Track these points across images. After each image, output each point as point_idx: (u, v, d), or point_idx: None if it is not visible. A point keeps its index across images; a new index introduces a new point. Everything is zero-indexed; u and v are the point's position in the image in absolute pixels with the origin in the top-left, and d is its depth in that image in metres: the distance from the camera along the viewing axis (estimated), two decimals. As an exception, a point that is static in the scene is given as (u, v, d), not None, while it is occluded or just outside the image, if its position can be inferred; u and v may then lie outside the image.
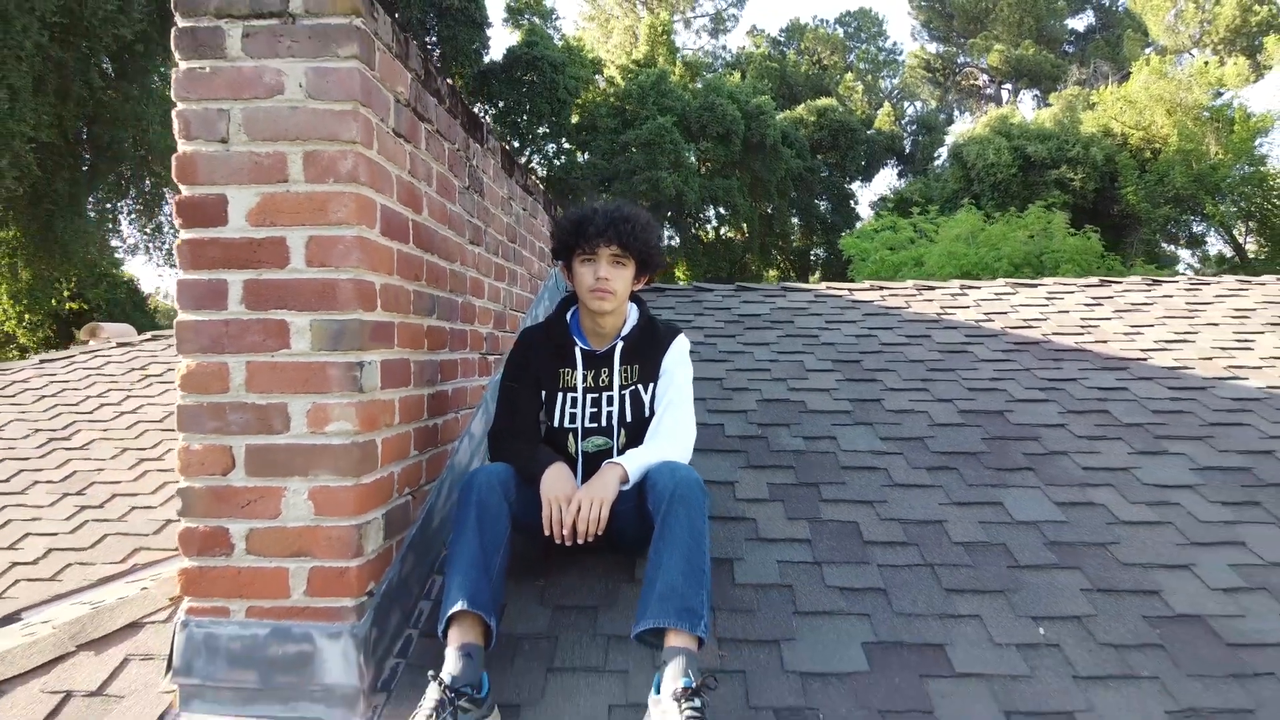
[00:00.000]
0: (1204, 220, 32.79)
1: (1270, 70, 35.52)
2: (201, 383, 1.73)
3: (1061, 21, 51.79)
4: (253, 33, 1.70)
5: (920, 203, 38.03)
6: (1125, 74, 46.09)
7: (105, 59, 17.50)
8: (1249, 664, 1.84)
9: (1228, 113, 33.24)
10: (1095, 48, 49.14)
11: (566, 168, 37.87)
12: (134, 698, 1.81)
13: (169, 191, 20.71)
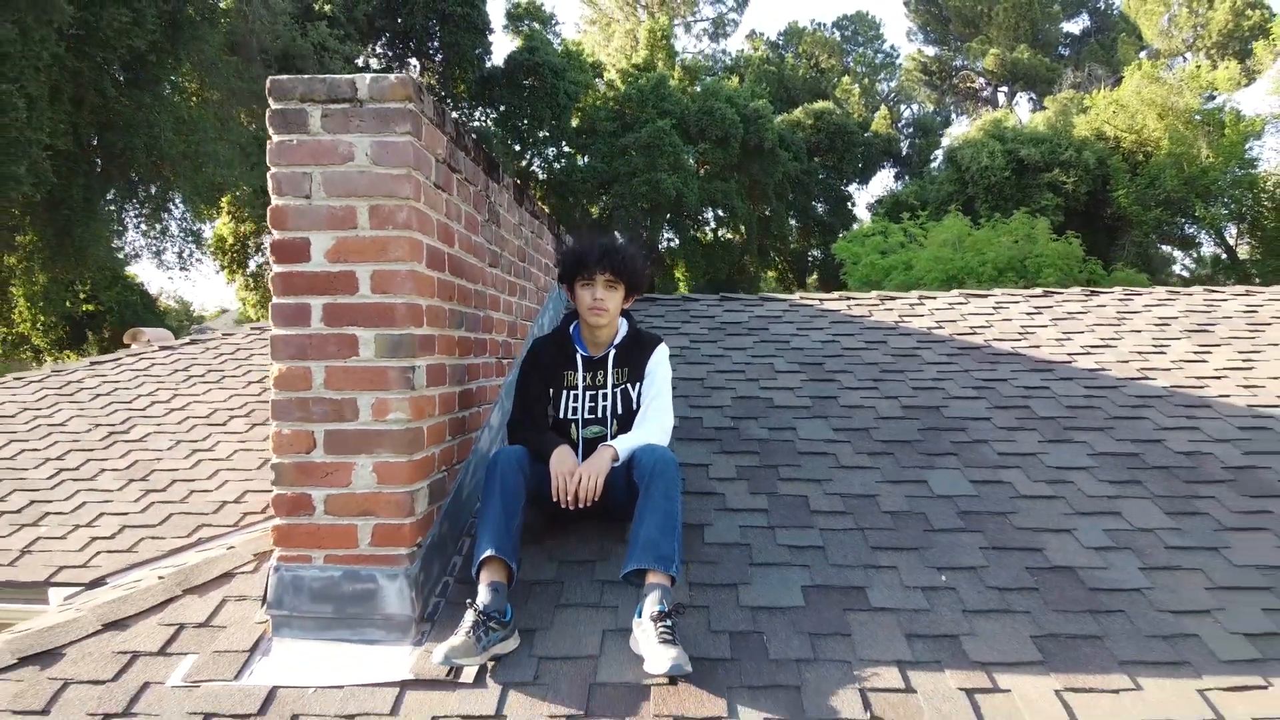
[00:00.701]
0: (1195, 223, 33.27)
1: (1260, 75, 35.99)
2: (290, 382, 2.26)
3: (1057, 25, 52.28)
4: (330, 114, 2.23)
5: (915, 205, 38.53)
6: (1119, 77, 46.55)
7: (118, 68, 17.97)
8: (1104, 603, 2.37)
9: (1219, 116, 33.71)
10: (1090, 51, 49.64)
11: (567, 171, 38.36)
12: (234, 627, 2.34)
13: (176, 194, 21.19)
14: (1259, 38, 38.88)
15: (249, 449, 4.37)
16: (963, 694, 2.03)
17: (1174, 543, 2.60)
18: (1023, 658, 2.14)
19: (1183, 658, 2.15)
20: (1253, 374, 3.79)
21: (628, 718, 1.97)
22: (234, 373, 5.30)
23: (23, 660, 2.24)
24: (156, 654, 2.24)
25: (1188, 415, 3.40)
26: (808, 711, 1.98)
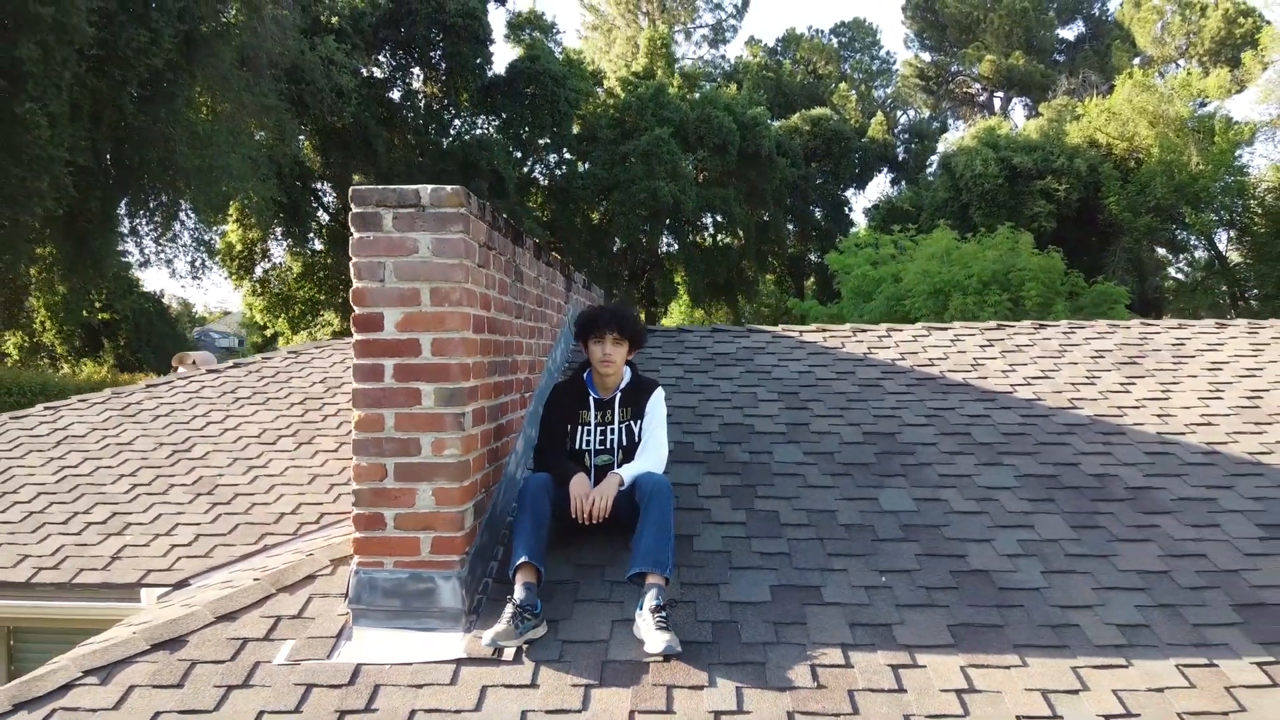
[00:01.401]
0: (1185, 229, 33.87)
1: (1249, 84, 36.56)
2: (368, 425, 2.88)
3: (1051, 31, 52.90)
4: (399, 216, 2.85)
5: (911, 212, 39.13)
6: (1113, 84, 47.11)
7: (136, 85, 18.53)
8: (1008, 600, 2.99)
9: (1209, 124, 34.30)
10: (1084, 58, 50.28)
11: (567, 177, 38.97)
12: (321, 618, 2.95)
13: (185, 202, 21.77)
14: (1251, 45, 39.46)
15: (298, 465, 4.99)
16: (889, 668, 2.65)
17: (1072, 551, 3.22)
18: (939, 641, 2.76)
19: (1064, 643, 2.77)
20: (1168, 404, 4.41)
21: (632, 686, 2.59)
22: (277, 395, 5.92)
23: (155, 646, 2.86)
24: (262, 639, 2.86)
25: (1104, 442, 4.02)
26: (769, 682, 2.60)
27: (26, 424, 5.61)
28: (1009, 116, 56.09)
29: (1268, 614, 2.89)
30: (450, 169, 32.37)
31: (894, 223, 40.37)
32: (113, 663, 2.78)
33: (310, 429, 5.42)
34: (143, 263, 21.54)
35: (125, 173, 19.54)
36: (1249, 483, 3.66)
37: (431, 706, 2.55)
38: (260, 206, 22.72)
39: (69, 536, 4.38)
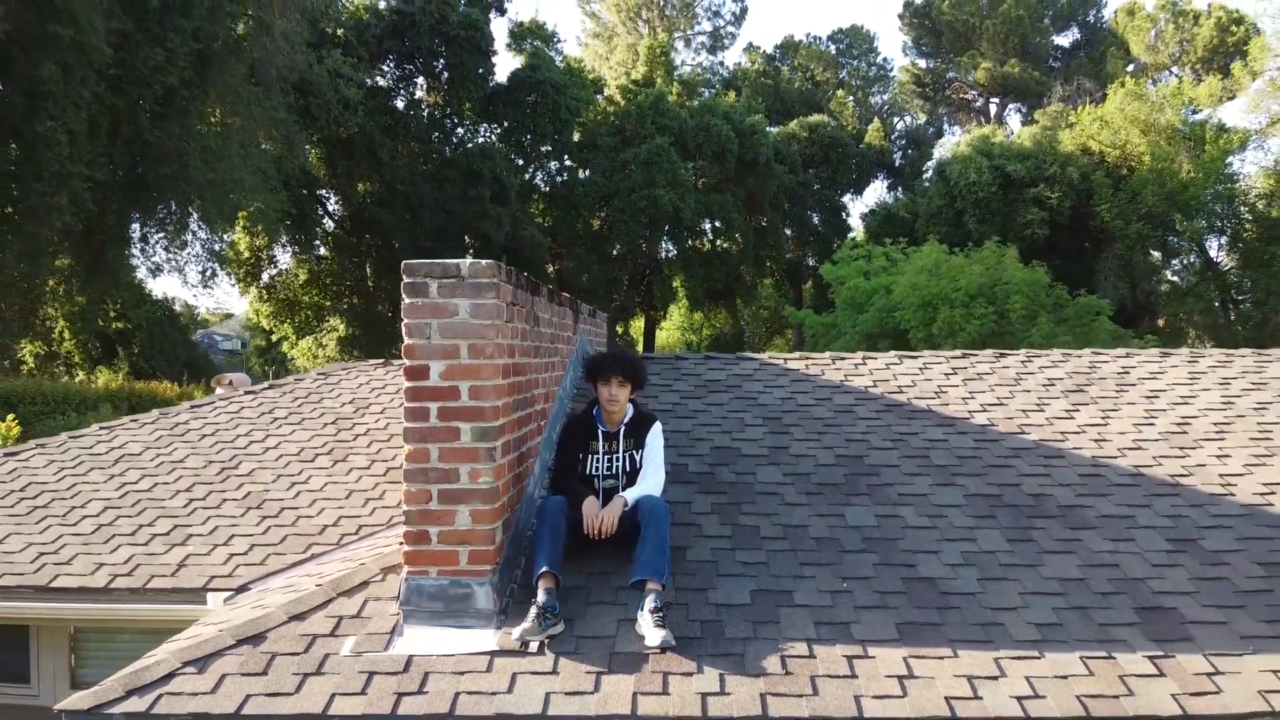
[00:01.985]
0: (1176, 236, 34.44)
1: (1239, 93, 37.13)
2: (416, 457, 3.47)
3: (1047, 39, 53.47)
4: (443, 285, 3.44)
5: (907, 219, 39.65)
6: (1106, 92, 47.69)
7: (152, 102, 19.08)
8: (947, 602, 3.58)
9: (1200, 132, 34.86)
10: (1079, 65, 50.91)
11: (568, 184, 39.56)
12: (376, 618, 3.54)
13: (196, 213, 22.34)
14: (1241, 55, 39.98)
15: (335, 482, 5.58)
16: (845, 659, 3.24)
17: (1005, 561, 3.82)
18: (887, 637, 3.36)
19: (990, 638, 3.36)
20: (1105, 429, 5.01)
21: (634, 673, 3.18)
22: (310, 415, 6.51)
23: (240, 641, 3.45)
24: (329, 635, 3.46)
25: (1044, 465, 4.61)
26: (747, 669, 3.19)
27: (85, 443, 6.20)
28: (1005, 123, 56.70)
29: (1163, 616, 3.48)
30: (453, 177, 33.00)
31: (890, 228, 41.00)
32: (206, 655, 3.37)
33: (343, 448, 6.02)
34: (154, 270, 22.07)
35: (140, 186, 20.13)
36: (1165, 502, 4.26)
37: (472, 689, 3.14)
38: (269, 217, 23.30)
39: (138, 547, 4.98)
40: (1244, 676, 3.14)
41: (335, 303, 33.91)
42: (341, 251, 33.94)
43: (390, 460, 5.80)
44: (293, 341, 35.15)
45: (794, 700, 3.04)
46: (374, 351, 33.43)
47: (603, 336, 7.67)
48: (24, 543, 5.07)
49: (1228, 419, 5.08)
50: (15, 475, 5.80)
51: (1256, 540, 3.94)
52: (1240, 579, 3.66)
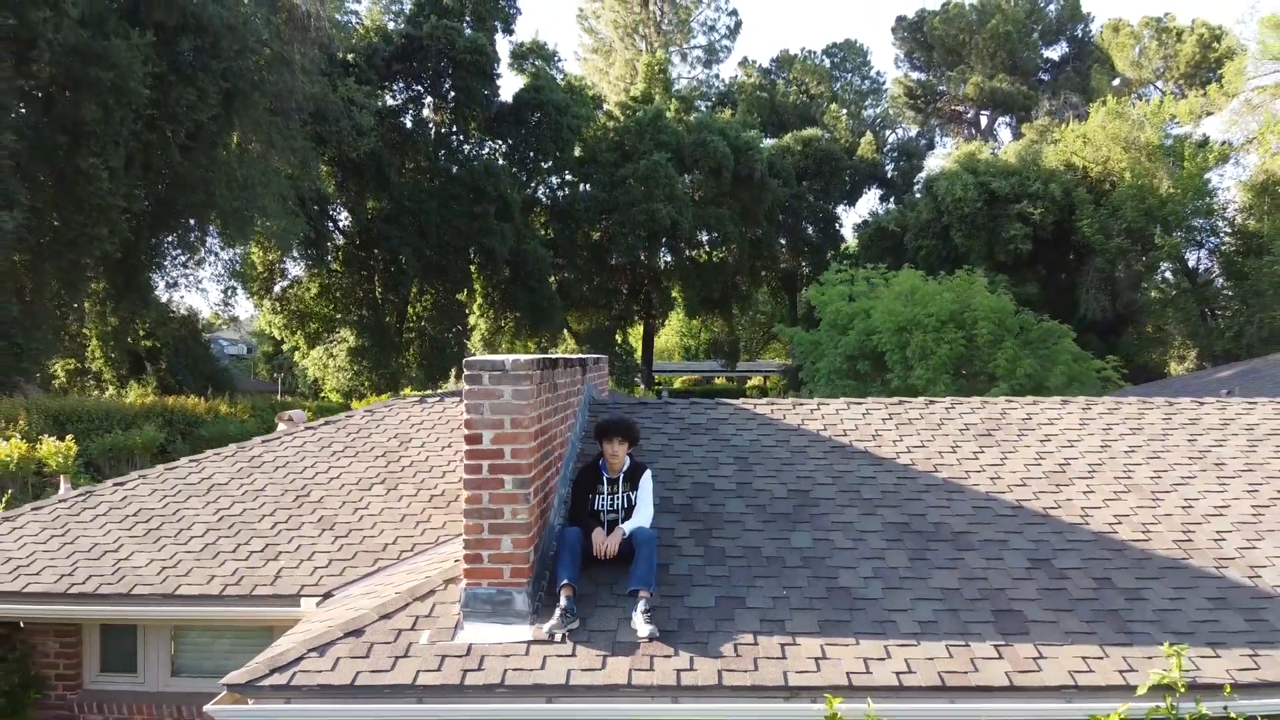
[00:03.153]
0: (1155, 250, 35.77)
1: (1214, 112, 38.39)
2: (473, 500, 4.80)
3: (1035, 52, 54.73)
4: (493, 375, 4.77)
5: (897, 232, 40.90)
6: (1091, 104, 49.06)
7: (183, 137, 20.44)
8: (857, 605, 4.91)
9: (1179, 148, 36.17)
10: (1066, 79, 52.26)
11: (570, 198, 40.90)
12: (443, 617, 4.88)
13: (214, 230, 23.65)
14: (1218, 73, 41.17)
15: (390, 507, 6.92)
16: (779, 645, 4.58)
17: (904, 575, 5.15)
18: (811, 630, 4.69)
19: (884, 631, 4.69)
20: (1001, 468, 6.34)
21: (630, 656, 4.51)
22: (363, 449, 7.85)
23: (346, 634, 4.79)
24: (409, 629, 4.79)
25: (947, 498, 5.95)
26: (709, 653, 4.53)
27: (179, 474, 7.53)
28: (995, 134, 58.06)
29: (1011, 616, 4.82)
30: (459, 194, 34.35)
31: (880, 241, 42.35)
32: (324, 644, 4.71)
33: (394, 478, 7.36)
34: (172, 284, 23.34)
35: (170, 214, 21.48)
36: (1034, 529, 5.59)
37: (515, 668, 4.48)
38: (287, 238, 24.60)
39: (239, 561, 6.31)
40: (1060, 661, 4.48)
41: (345, 314, 35.24)
42: (351, 265, 35.29)
43: (433, 489, 7.14)
44: (304, 351, 36.49)
45: (741, 674, 4.39)
46: (382, 361, 34.79)
47: (605, 380, 9.00)
48: (147, 559, 6.41)
49: (1101, 460, 6.42)
50: (127, 503, 7.14)
51: (1096, 560, 5.28)
52: (1076, 590, 5.00)
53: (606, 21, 52.61)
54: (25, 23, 16.81)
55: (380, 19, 36.55)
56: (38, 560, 6.46)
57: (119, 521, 6.88)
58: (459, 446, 7.53)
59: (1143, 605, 4.85)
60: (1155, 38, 47.90)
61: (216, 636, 7.08)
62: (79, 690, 7.11)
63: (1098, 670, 4.37)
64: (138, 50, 18.13)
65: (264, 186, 22.07)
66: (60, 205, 18.44)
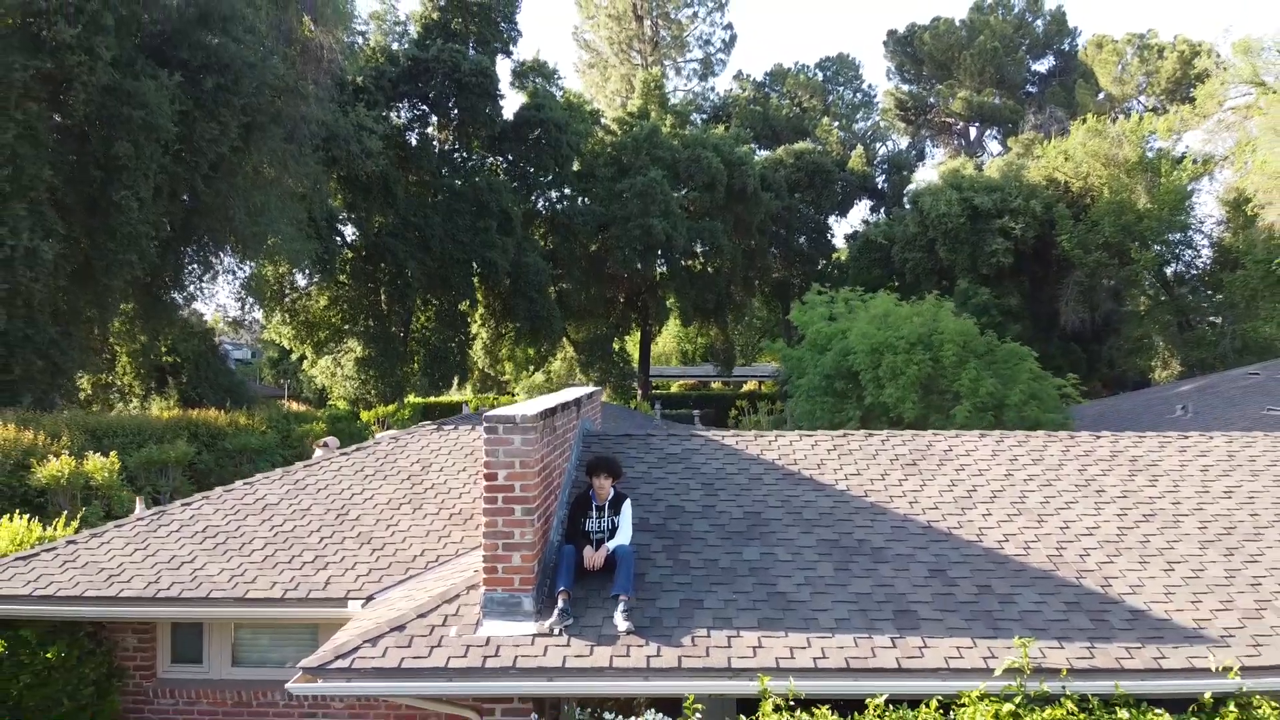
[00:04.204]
0: (1132, 264, 37.17)
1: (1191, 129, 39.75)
2: (490, 525, 6.18)
3: (1022, 67, 56.11)
4: (506, 426, 6.15)
5: (885, 244, 42.22)
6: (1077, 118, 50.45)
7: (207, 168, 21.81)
8: (790, 606, 6.28)
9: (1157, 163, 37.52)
10: (1052, 94, 53.66)
11: (569, 212, 42.28)
12: (467, 615, 6.25)
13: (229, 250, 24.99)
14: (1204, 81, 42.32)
15: (417, 524, 8.30)
16: (726, 637, 5.96)
17: (830, 582, 6.53)
18: (752, 626, 6.07)
19: (807, 627, 6.07)
20: (920, 494, 7.72)
21: (611, 646, 5.89)
22: (391, 473, 9.23)
23: (391, 629, 6.16)
24: (441, 625, 6.16)
25: (872, 519, 7.32)
26: (673, 644, 5.90)
27: (237, 495, 8.90)
28: (983, 145, 59.48)
29: (908, 615, 6.19)
30: (462, 209, 35.73)
31: (869, 253, 43.72)
32: (374, 636, 6.08)
33: (418, 498, 8.74)
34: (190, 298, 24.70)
35: (193, 240, 22.87)
36: (938, 545, 6.97)
37: (523, 654, 5.85)
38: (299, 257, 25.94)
39: (295, 570, 7.69)
40: (940, 650, 5.85)
41: (352, 325, 36.58)
42: (358, 278, 36.64)
43: (452, 508, 8.52)
44: (312, 360, 37.87)
45: (696, 659, 5.77)
46: (388, 370, 36.14)
47: (598, 412, 10.37)
48: (218, 568, 7.78)
49: (1002, 487, 7.81)
50: (195, 520, 8.51)
51: (982, 571, 6.66)
52: (961, 595, 6.38)
53: (601, 38, 53.97)
54: (62, 66, 18.19)
55: (385, 40, 37.89)
56: (126, 570, 7.83)
57: (190, 536, 8.25)
58: (473, 471, 8.96)
59: (1012, 607, 6.23)
60: (1137, 54, 49.33)
61: (269, 633, 8.46)
62: (153, 679, 8.47)
63: (967, 657, 5.75)
64: (166, 90, 19.51)
65: (279, 211, 23.44)
66: (93, 233, 19.82)
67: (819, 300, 21.54)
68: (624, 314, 48.29)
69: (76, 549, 8.12)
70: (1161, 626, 6.00)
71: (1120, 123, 40.15)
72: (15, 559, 8.03)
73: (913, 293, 43.72)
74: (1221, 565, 6.67)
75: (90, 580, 7.70)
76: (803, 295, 48.90)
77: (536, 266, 37.91)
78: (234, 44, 21.07)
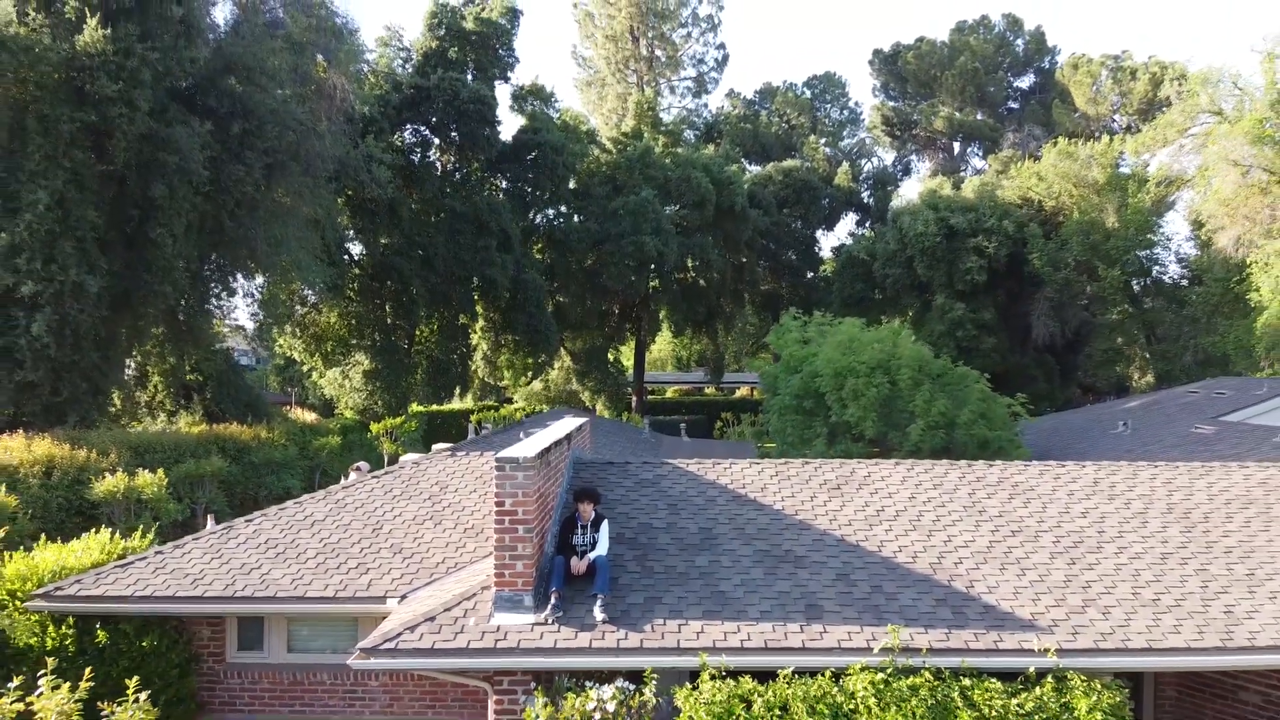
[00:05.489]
0: (1098, 281, 39.22)
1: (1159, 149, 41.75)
2: (500, 540, 8.16)
3: (1003, 87, 58.14)
4: (512, 466, 8.13)
5: (868, 260, 44.18)
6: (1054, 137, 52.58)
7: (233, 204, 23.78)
8: (730, 603, 8.27)
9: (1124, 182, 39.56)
10: (1031, 112, 55.76)
11: (565, 230, 44.28)
12: (481, 608, 8.24)
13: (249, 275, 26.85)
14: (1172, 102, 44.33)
15: (438, 537, 10.28)
16: (677, 625, 7.95)
17: (761, 583, 8.51)
18: (698, 617, 8.05)
19: (739, 617, 8.05)
20: (840, 513, 9.70)
21: (591, 632, 7.87)
22: (416, 493, 11.20)
23: (424, 619, 8.15)
24: (462, 616, 8.15)
25: (799, 533, 9.29)
26: (638, 630, 7.89)
27: (290, 514, 10.86)
28: (966, 160, 61.53)
29: (816, 609, 8.17)
30: (463, 229, 37.74)
31: (852, 268, 45.70)
32: (412, 625, 8.06)
33: (438, 515, 10.72)
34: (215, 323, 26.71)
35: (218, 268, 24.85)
36: (846, 555, 8.95)
37: (525, 638, 7.84)
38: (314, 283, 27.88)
39: (342, 574, 9.66)
40: (835, 634, 7.84)
41: (359, 340, 38.54)
42: (365, 295, 38.60)
43: (466, 524, 10.50)
44: (321, 372, 39.82)
45: (654, 641, 7.76)
46: (393, 382, 38.10)
47: (587, 438, 12.35)
48: (281, 573, 9.75)
49: (905, 508, 9.79)
50: (257, 534, 10.48)
51: (877, 575, 8.64)
52: (858, 593, 8.37)
53: (599, 56, 55.94)
54: (105, 117, 20.14)
55: (389, 64, 39.82)
56: (206, 574, 9.80)
57: (256, 546, 10.22)
58: (483, 492, 10.95)
59: (895, 603, 8.22)
60: (1111, 76, 51.37)
61: (317, 625, 10.43)
62: (223, 663, 10.43)
63: (855, 640, 7.74)
64: (197, 136, 21.48)
65: (298, 242, 25.42)
66: (131, 267, 21.81)
67: (793, 325, 23.52)
68: (619, 325, 50.27)
69: (164, 558, 10.09)
70: (1005, 618, 8.01)
71: (1090, 145, 42.17)
72: (114, 566, 10.01)
73: (893, 306, 45.97)
74: (1063, 571, 8.67)
75: (178, 583, 9.67)
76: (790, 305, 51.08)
77: (535, 283, 39.88)
78: (258, 91, 23.04)
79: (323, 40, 26.58)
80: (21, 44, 19.22)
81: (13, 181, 19.42)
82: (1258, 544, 9.08)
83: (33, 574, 10.03)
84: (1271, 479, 10.32)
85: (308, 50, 25.92)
